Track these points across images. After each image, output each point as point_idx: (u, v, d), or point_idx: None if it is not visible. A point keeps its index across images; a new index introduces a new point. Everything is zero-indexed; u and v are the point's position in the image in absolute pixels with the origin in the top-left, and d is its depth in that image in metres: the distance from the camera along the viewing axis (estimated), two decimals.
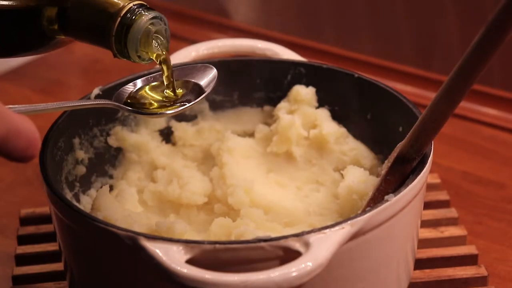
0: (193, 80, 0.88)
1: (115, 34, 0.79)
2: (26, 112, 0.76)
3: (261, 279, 0.72)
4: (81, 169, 0.96)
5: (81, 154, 0.96)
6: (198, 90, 0.87)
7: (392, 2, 1.40)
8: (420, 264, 0.95)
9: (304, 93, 1.01)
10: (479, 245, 1.00)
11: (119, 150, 1.01)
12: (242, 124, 1.05)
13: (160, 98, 0.87)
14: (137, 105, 0.86)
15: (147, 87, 0.88)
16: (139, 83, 0.89)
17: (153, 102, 0.87)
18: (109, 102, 0.85)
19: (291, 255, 0.74)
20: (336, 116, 1.01)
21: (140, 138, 1.00)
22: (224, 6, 1.56)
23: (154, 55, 0.83)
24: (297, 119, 0.99)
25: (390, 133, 0.95)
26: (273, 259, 0.75)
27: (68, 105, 0.82)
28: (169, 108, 0.86)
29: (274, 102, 1.04)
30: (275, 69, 1.03)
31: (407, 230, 0.84)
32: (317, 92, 1.02)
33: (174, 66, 0.87)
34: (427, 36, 1.40)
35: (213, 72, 0.88)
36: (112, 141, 1.00)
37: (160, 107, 0.86)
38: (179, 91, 0.87)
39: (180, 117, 1.04)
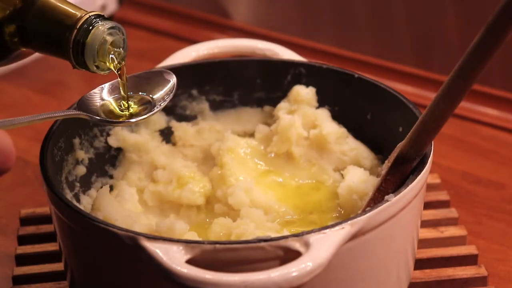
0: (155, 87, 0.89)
1: (73, 45, 0.79)
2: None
3: (261, 279, 0.72)
4: (81, 169, 0.96)
5: (81, 154, 0.96)
6: (158, 96, 0.88)
7: (392, 2, 1.40)
8: (420, 264, 0.95)
9: (304, 93, 1.01)
10: (479, 245, 1.00)
11: (119, 150, 1.01)
12: (242, 124, 1.05)
13: (124, 106, 0.87)
14: (105, 113, 0.86)
15: (111, 95, 0.88)
16: (105, 88, 0.88)
17: (118, 109, 0.87)
18: (79, 113, 0.85)
19: (291, 255, 0.74)
20: (336, 116, 1.01)
21: (140, 138, 1.00)
22: (224, 6, 1.56)
23: (112, 65, 0.82)
24: (297, 119, 0.99)
25: (390, 133, 0.95)
26: (273, 259, 0.75)
27: (39, 117, 0.81)
28: (133, 116, 0.86)
29: (274, 102, 1.04)
30: (275, 69, 1.03)
31: (407, 230, 0.84)
32: (317, 92, 1.02)
33: (134, 75, 0.88)
34: (427, 36, 1.40)
35: (172, 80, 0.88)
36: (112, 141, 1.00)
37: (126, 114, 0.86)
38: (135, 101, 0.87)
39: (180, 117, 1.04)
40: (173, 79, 0.88)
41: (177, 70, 1.02)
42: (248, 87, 1.05)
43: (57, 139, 0.91)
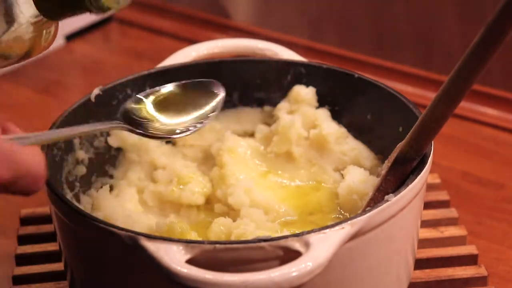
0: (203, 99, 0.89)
1: None
2: (37, 143, 0.75)
3: (261, 279, 0.72)
4: (81, 169, 0.96)
5: (81, 154, 0.96)
6: (205, 111, 0.87)
7: (392, 2, 1.40)
8: (420, 264, 0.95)
9: (304, 93, 1.01)
10: (479, 245, 1.00)
11: (119, 150, 1.01)
12: (242, 124, 1.05)
13: (165, 118, 0.87)
14: (144, 124, 0.86)
15: (151, 103, 0.88)
16: (144, 96, 0.88)
17: (158, 121, 0.87)
18: (123, 125, 0.85)
19: (291, 255, 0.74)
20: (336, 116, 1.01)
21: (140, 138, 1.00)
22: (224, 6, 1.56)
23: None
24: (297, 119, 0.99)
25: (390, 133, 0.95)
26: (273, 259, 0.75)
27: (80, 130, 0.81)
28: (176, 131, 0.86)
29: (274, 102, 1.04)
30: (275, 69, 1.03)
31: (407, 230, 0.84)
32: (317, 92, 1.02)
33: (182, 83, 0.87)
34: (427, 36, 1.40)
35: (221, 93, 0.88)
36: (112, 141, 1.00)
37: (171, 127, 0.86)
38: (180, 111, 0.87)
39: None
40: (221, 93, 0.88)
41: (177, 70, 1.02)
42: (248, 87, 1.04)
43: None
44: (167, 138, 0.86)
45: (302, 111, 1.00)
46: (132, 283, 0.80)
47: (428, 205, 1.04)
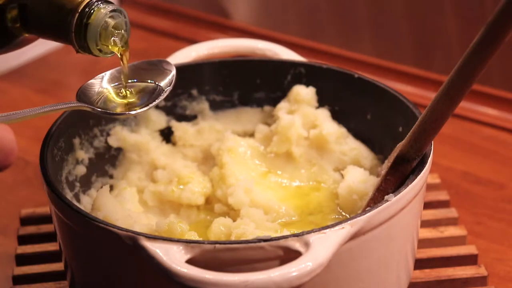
0: (154, 78, 0.89)
1: (75, 29, 0.79)
2: (6, 121, 0.76)
3: (261, 279, 0.72)
4: (82, 169, 0.96)
5: (81, 154, 0.96)
6: (159, 88, 0.88)
7: (392, 2, 1.40)
8: (420, 264, 0.95)
9: (304, 93, 1.01)
10: (479, 245, 1.00)
11: (119, 150, 1.01)
12: (242, 124, 1.05)
13: (123, 94, 0.87)
14: (105, 103, 0.86)
15: (112, 84, 0.88)
16: (105, 78, 0.89)
17: (120, 100, 0.87)
18: (81, 104, 0.85)
19: (291, 255, 0.74)
20: (336, 116, 1.01)
21: (140, 138, 1.00)
22: (224, 6, 1.56)
23: (116, 48, 0.83)
24: (297, 119, 0.99)
25: (390, 133, 0.95)
26: (273, 259, 0.75)
27: (42, 110, 0.82)
28: (134, 108, 0.86)
29: (274, 102, 1.04)
30: (275, 69, 1.03)
31: (407, 230, 0.84)
32: (317, 92, 1.02)
33: (133, 64, 0.88)
34: (427, 36, 1.40)
35: (172, 70, 0.89)
36: (112, 141, 1.00)
37: (128, 105, 0.86)
38: (136, 91, 0.87)
39: (180, 117, 1.04)
40: (173, 70, 0.89)
41: (177, 70, 1.02)
42: (248, 87, 1.05)
43: (57, 139, 0.91)
44: (127, 115, 0.86)
45: (302, 111, 1.00)
46: (132, 283, 0.80)
47: (428, 205, 1.04)
